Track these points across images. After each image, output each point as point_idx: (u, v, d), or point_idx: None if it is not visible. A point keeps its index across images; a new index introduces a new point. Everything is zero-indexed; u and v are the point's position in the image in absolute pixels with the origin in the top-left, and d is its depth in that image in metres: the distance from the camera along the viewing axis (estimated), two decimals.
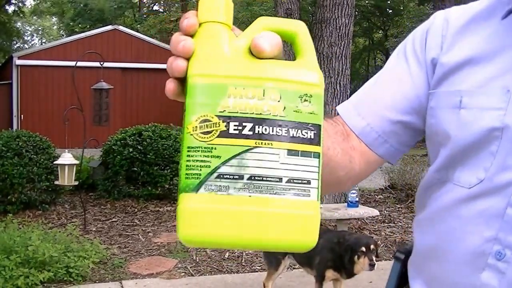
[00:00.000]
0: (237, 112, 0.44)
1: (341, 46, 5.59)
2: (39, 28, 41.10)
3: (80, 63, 5.71)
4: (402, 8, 23.43)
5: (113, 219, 5.86)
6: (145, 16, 29.53)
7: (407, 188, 6.95)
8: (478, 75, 0.71)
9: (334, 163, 0.73)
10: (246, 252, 4.59)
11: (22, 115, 15.51)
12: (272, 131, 0.44)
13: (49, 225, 5.26)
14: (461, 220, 0.70)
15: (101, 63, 5.53)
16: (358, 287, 3.55)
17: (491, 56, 0.71)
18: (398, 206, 6.75)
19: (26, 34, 39.08)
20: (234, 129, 0.43)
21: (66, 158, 5.09)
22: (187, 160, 0.43)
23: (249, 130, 0.44)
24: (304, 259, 3.22)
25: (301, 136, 0.45)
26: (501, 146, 0.67)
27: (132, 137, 6.53)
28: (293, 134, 0.44)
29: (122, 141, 6.51)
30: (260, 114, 0.44)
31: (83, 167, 6.02)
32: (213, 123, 0.43)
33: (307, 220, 0.44)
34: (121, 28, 17.55)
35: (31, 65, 15.48)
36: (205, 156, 0.43)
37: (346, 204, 4.76)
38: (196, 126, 0.43)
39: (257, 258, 4.44)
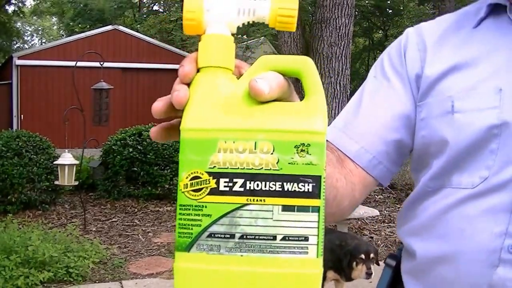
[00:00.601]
0: (228, 168, 0.42)
1: (341, 46, 5.59)
2: (39, 28, 41.09)
3: (80, 63, 5.71)
4: (402, 8, 23.43)
5: (113, 219, 5.86)
6: (145, 16, 29.51)
7: (407, 188, 6.95)
8: (466, 80, 0.74)
9: (340, 196, 0.73)
10: None
11: (22, 115, 15.50)
12: (265, 187, 0.41)
13: (49, 225, 5.26)
14: (469, 219, 0.71)
15: (101, 63, 5.53)
16: (358, 287, 3.55)
17: (476, 61, 0.74)
18: (398, 206, 6.75)
19: (26, 34, 39.09)
20: (225, 186, 0.42)
21: (66, 158, 5.09)
22: (180, 219, 0.42)
23: (240, 187, 0.41)
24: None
25: (297, 190, 0.41)
26: (501, 143, 0.69)
27: (132, 137, 6.53)
28: (288, 189, 0.41)
29: (122, 141, 6.51)
30: (252, 168, 0.41)
31: (83, 167, 6.02)
32: (203, 180, 0.42)
33: (304, 279, 0.41)
34: (121, 28, 17.55)
35: (31, 65, 15.48)
36: (196, 215, 0.42)
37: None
38: (187, 184, 0.42)
39: None
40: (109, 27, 17.37)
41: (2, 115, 15.58)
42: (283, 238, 0.41)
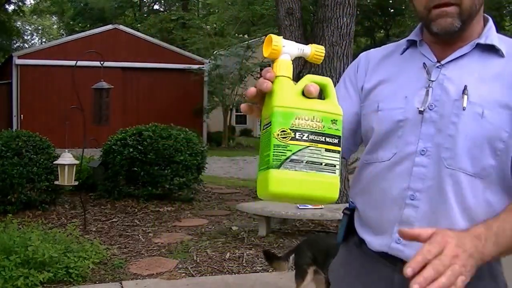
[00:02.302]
0: (300, 127, 0.80)
1: (342, 45, 5.56)
2: (39, 28, 41.07)
3: (80, 63, 5.69)
4: (404, 7, 23.39)
5: (113, 219, 5.84)
6: (145, 15, 29.46)
7: None
8: (387, 89, 1.16)
9: None
10: (247, 252, 4.57)
11: (22, 115, 15.48)
12: (317, 138, 0.81)
13: (49, 225, 5.24)
14: (388, 181, 1.12)
15: (101, 62, 5.51)
16: None
17: (395, 77, 1.16)
18: None
19: (26, 33, 39.05)
20: (299, 136, 0.80)
21: (66, 158, 5.07)
22: (274, 151, 0.79)
23: (306, 137, 0.80)
24: (324, 263, 3.22)
25: (331, 141, 0.82)
26: (404, 131, 1.10)
27: (132, 137, 6.51)
28: (327, 140, 0.81)
29: (122, 141, 6.49)
30: (312, 128, 0.81)
31: (83, 167, 6.00)
32: (287, 133, 0.79)
33: (334, 185, 0.81)
34: (121, 27, 17.52)
35: (31, 64, 15.46)
36: (283, 150, 0.79)
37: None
38: (279, 134, 0.79)
39: (258, 258, 4.42)
40: (109, 26, 17.34)
41: (2, 115, 15.56)
42: (326, 164, 0.81)
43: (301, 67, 5.39)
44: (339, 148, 0.82)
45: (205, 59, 17.53)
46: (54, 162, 5.36)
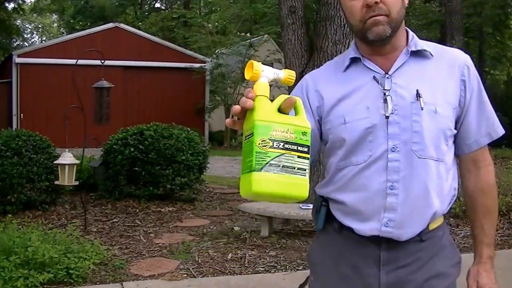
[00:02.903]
0: (277, 137, 0.97)
1: (346, 44, 5.49)
2: (39, 26, 41.03)
3: (80, 61, 5.64)
4: (408, 6, 23.30)
5: (114, 220, 5.80)
6: (146, 13, 29.43)
7: None
8: (349, 104, 1.34)
9: None
10: (249, 253, 4.53)
11: (21, 114, 15.43)
12: (290, 146, 0.98)
13: (49, 226, 5.20)
14: (367, 178, 1.31)
15: (102, 61, 5.46)
16: None
17: (351, 93, 1.35)
18: None
19: (26, 31, 39.01)
20: (276, 145, 0.97)
21: (66, 157, 5.04)
22: (256, 157, 0.95)
23: (282, 146, 0.98)
24: None
25: (302, 150, 0.99)
26: (374, 136, 1.30)
27: (133, 137, 6.47)
28: (299, 149, 0.99)
29: (123, 141, 6.45)
30: (286, 139, 0.98)
31: (84, 166, 5.96)
32: (267, 142, 0.96)
33: (304, 186, 0.99)
34: (122, 25, 17.46)
35: (31, 63, 15.40)
36: (263, 156, 0.96)
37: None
38: (260, 143, 0.96)
39: (260, 259, 4.38)
40: (110, 25, 17.29)
41: (2, 114, 15.52)
42: (298, 169, 0.98)
43: (304, 66, 5.35)
44: (308, 155, 1.00)
45: (207, 57, 17.46)
46: (54, 162, 5.32)
